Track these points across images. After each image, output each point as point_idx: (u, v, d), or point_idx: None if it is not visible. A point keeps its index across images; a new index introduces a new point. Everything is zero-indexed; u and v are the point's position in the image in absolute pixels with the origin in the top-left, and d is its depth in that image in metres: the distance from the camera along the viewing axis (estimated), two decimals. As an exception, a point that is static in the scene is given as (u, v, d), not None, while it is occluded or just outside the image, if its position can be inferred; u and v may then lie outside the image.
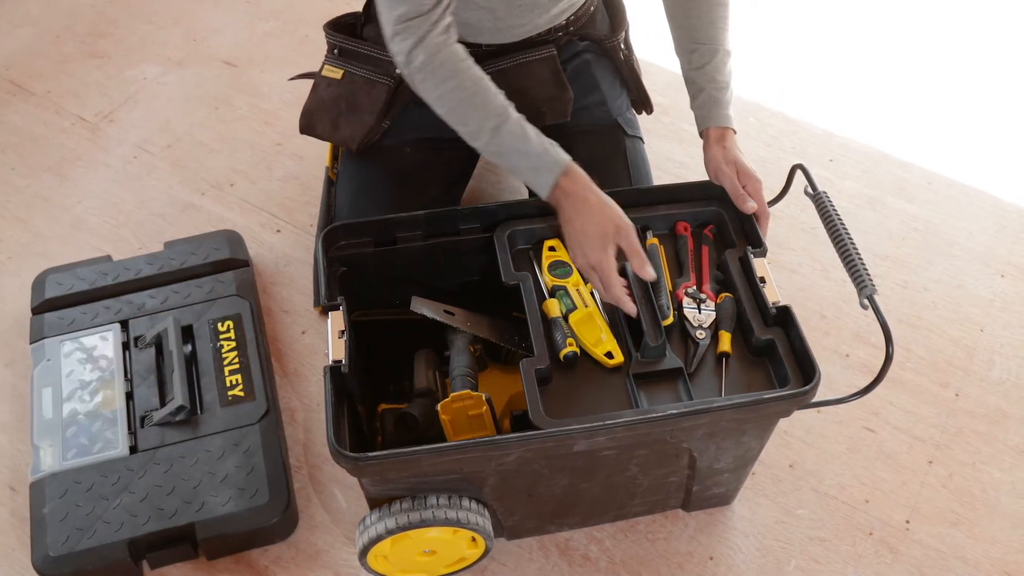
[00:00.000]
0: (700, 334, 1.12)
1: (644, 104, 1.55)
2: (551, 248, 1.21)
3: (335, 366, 1.07)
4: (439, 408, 1.12)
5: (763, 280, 1.14)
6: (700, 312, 1.14)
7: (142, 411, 1.34)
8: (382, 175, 1.43)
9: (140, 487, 1.26)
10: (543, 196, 1.16)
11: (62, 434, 1.31)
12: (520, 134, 1.15)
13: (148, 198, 1.74)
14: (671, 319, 1.14)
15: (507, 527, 1.23)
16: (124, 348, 1.42)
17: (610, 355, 1.10)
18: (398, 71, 1.24)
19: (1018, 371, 1.49)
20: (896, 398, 1.45)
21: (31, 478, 1.28)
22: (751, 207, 1.20)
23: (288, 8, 2.17)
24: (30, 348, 1.43)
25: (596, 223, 1.11)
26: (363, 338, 1.20)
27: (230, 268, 1.53)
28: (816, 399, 1.05)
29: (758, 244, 1.18)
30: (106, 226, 1.69)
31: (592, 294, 1.16)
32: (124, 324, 1.45)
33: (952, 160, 1.82)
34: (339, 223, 1.21)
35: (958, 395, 1.46)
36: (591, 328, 1.12)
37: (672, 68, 1.92)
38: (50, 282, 1.50)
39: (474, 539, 1.17)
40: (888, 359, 0.99)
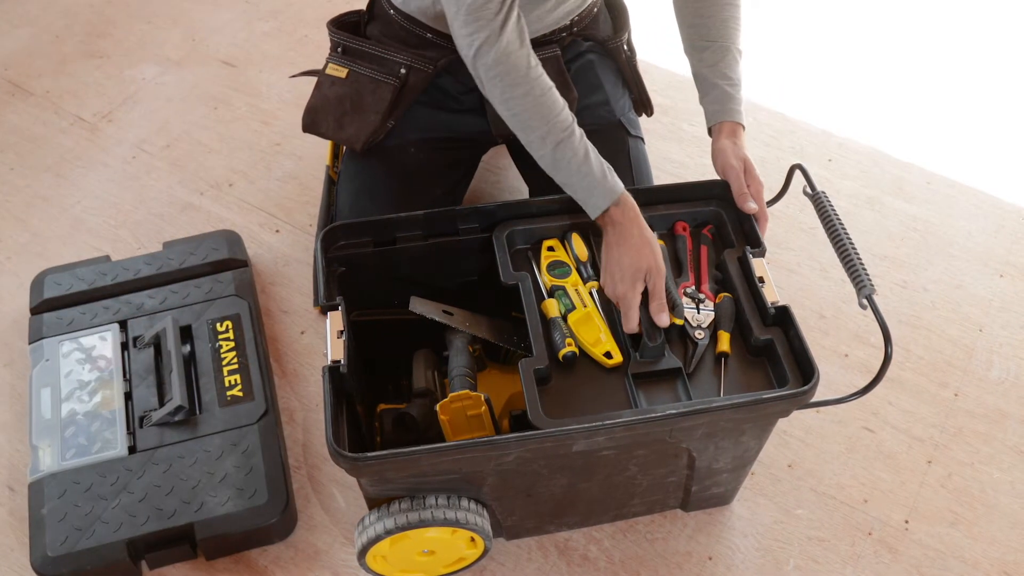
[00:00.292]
0: (699, 334, 1.12)
1: (645, 106, 1.56)
2: (550, 248, 1.21)
3: (334, 366, 1.07)
4: (438, 408, 1.12)
5: (762, 280, 1.14)
6: (699, 312, 1.14)
7: (141, 411, 1.34)
8: (385, 175, 1.43)
9: (139, 487, 1.25)
10: (591, 217, 1.17)
11: (61, 434, 1.31)
12: (583, 154, 1.16)
13: (147, 198, 1.74)
14: (680, 321, 1.13)
15: (506, 527, 1.23)
16: (123, 348, 1.42)
17: (609, 355, 1.10)
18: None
19: (1017, 371, 1.49)
20: (895, 398, 1.45)
21: (30, 478, 1.28)
22: (752, 208, 1.20)
23: (287, 8, 2.17)
24: (29, 348, 1.43)
25: (633, 259, 1.12)
26: (362, 338, 1.20)
27: (229, 268, 1.53)
28: (815, 399, 1.05)
29: (757, 244, 1.18)
30: (105, 226, 1.69)
31: (591, 294, 1.16)
32: (123, 324, 1.44)
33: (951, 160, 1.82)
34: (338, 223, 1.21)
35: (957, 395, 1.46)
36: (590, 328, 1.12)
37: (671, 69, 1.94)
38: (49, 282, 1.50)
39: (473, 539, 1.17)
40: (887, 359, 1.00)
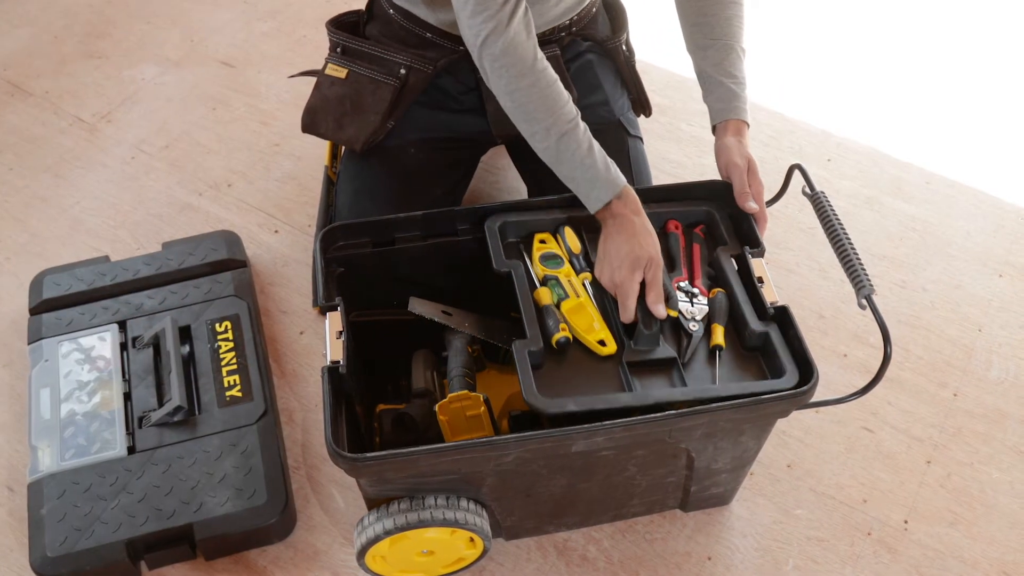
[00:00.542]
0: (693, 326, 1.12)
1: (643, 106, 1.56)
2: (541, 240, 1.21)
3: (333, 366, 1.07)
4: (437, 408, 1.12)
5: (761, 280, 1.14)
6: (692, 306, 1.14)
7: (140, 412, 1.34)
8: (384, 175, 1.43)
9: (138, 487, 1.25)
10: (591, 210, 1.17)
11: (60, 435, 1.31)
12: (587, 147, 1.16)
13: (146, 198, 1.74)
14: (675, 313, 1.13)
15: (505, 527, 1.23)
16: (122, 348, 1.42)
17: (603, 343, 1.10)
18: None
19: (1016, 371, 1.49)
20: (894, 398, 1.45)
21: (29, 478, 1.28)
22: (752, 207, 1.20)
23: (286, 8, 2.17)
24: (28, 349, 1.43)
25: (632, 247, 1.12)
26: (361, 339, 1.20)
27: (228, 268, 1.53)
28: (814, 399, 1.05)
29: (756, 244, 1.18)
30: (104, 226, 1.69)
31: (584, 285, 1.16)
32: (122, 324, 1.44)
33: (950, 160, 1.83)
34: (337, 223, 1.21)
35: (956, 395, 1.46)
36: (583, 316, 1.12)
37: (670, 69, 1.94)
38: (48, 282, 1.50)
39: (472, 539, 1.17)
40: (886, 359, 1.00)
